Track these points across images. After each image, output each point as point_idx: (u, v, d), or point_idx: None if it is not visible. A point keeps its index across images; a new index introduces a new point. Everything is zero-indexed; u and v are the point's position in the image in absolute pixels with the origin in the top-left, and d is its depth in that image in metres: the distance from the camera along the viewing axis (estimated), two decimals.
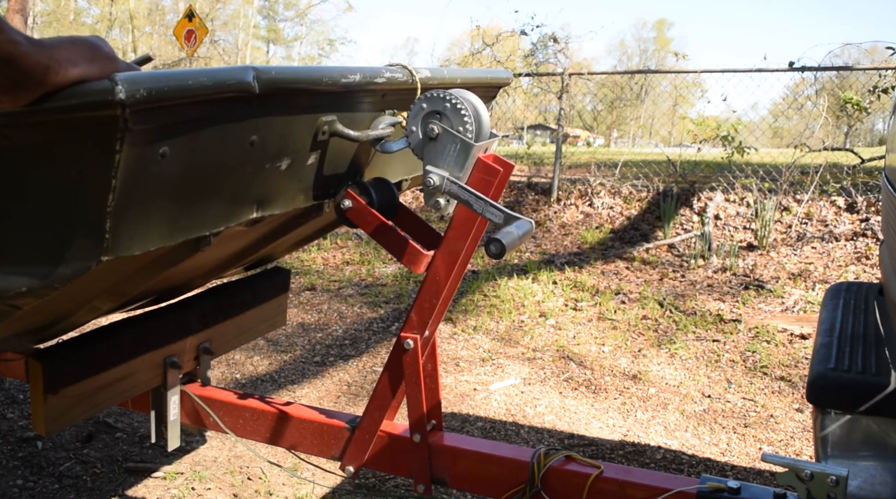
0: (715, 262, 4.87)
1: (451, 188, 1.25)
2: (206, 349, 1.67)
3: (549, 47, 7.62)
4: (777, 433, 2.60)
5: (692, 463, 2.38)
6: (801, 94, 7.00)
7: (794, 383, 3.04)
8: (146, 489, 2.10)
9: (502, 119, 8.18)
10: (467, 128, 1.25)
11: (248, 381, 3.03)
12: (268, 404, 1.59)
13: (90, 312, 1.34)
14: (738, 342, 3.51)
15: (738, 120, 6.76)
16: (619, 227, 5.78)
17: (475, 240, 1.38)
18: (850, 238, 4.99)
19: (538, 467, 1.33)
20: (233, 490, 2.11)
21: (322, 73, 1.15)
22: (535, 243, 5.58)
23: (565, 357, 3.33)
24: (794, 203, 5.44)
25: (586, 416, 2.73)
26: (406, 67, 1.38)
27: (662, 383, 3.05)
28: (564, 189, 6.35)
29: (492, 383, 3.02)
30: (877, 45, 6.62)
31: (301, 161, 1.23)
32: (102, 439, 2.40)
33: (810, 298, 4.14)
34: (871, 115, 6.68)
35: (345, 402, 2.83)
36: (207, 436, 2.43)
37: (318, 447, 1.53)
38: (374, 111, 1.38)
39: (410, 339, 1.39)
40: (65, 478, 2.14)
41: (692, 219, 5.60)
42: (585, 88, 8.48)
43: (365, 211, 1.37)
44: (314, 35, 42.33)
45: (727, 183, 5.76)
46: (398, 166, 1.60)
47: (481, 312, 3.96)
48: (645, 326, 3.77)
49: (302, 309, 4.05)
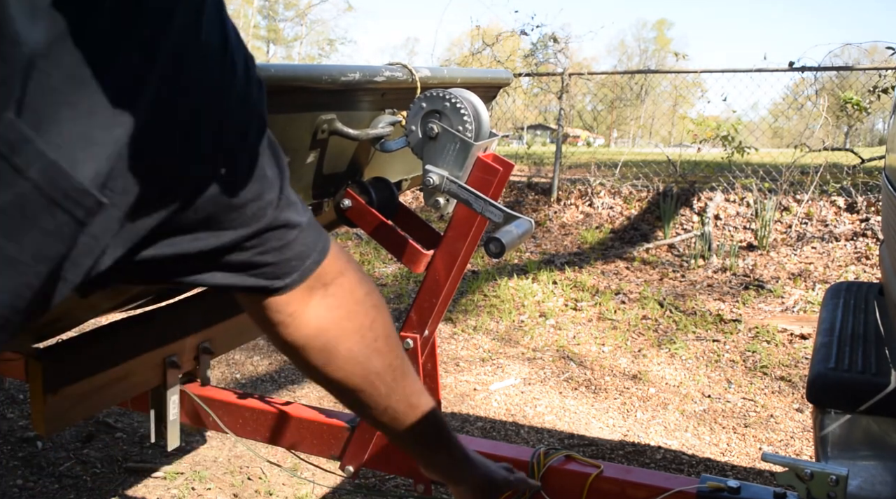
0: (715, 262, 4.87)
1: (451, 187, 1.25)
2: (205, 349, 1.67)
3: (549, 47, 7.62)
4: (777, 433, 2.60)
5: (692, 463, 2.38)
6: (801, 94, 7.01)
7: (794, 383, 3.03)
8: (146, 489, 2.10)
9: (502, 119, 8.18)
10: (467, 127, 1.25)
11: (248, 381, 3.03)
12: (268, 403, 1.59)
13: (90, 311, 1.33)
14: (738, 342, 3.51)
15: (738, 120, 6.76)
16: (619, 227, 5.78)
17: (475, 239, 1.38)
18: (850, 238, 4.99)
19: (538, 467, 1.33)
20: (233, 490, 2.11)
21: (322, 72, 1.15)
22: (535, 243, 5.58)
23: (565, 357, 3.33)
24: (794, 203, 5.44)
25: (586, 416, 2.72)
26: (406, 66, 1.38)
27: (662, 383, 3.05)
28: (564, 189, 6.35)
29: (492, 383, 3.02)
30: (877, 45, 6.62)
31: (300, 160, 1.23)
32: (102, 439, 2.40)
33: (810, 298, 4.14)
34: (871, 115, 6.68)
35: None
36: (207, 436, 2.43)
37: (318, 447, 1.53)
38: (373, 110, 1.38)
39: (410, 338, 1.39)
40: (65, 478, 2.14)
41: (692, 219, 5.60)
42: (585, 88, 8.48)
43: (365, 210, 1.37)
44: (314, 35, 42.37)
45: (727, 183, 5.76)
46: (398, 166, 1.59)
47: (481, 312, 3.95)
48: (645, 326, 3.77)
49: None
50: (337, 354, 0.81)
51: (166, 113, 0.51)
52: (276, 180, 0.67)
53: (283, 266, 0.71)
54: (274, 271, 0.71)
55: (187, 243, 0.61)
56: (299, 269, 0.73)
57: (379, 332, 0.85)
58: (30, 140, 0.42)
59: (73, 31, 0.43)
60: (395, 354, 0.88)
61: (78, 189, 0.45)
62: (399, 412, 0.90)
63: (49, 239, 0.45)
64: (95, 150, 0.46)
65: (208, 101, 0.55)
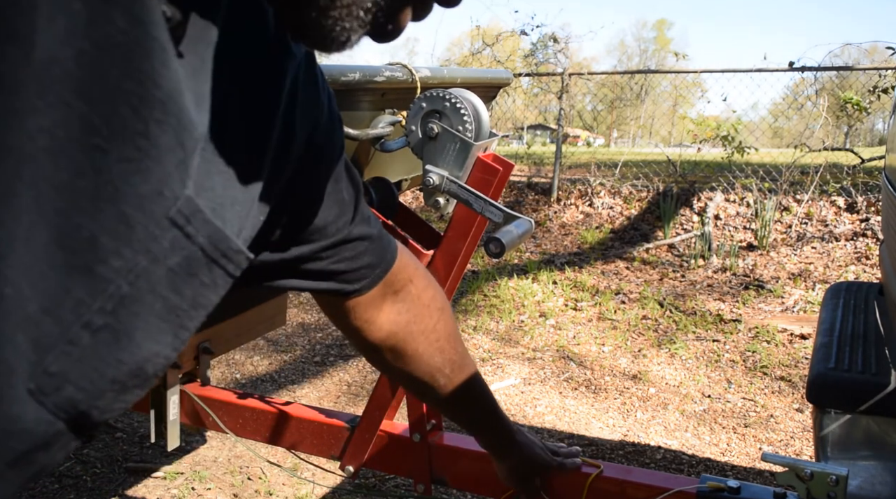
0: (715, 262, 4.87)
1: (451, 187, 1.25)
2: (205, 349, 1.67)
3: (549, 47, 7.62)
4: (777, 433, 2.60)
5: (692, 463, 2.38)
6: (801, 94, 7.01)
7: (794, 382, 3.03)
8: (146, 489, 2.10)
9: (502, 119, 8.18)
10: (467, 127, 1.25)
11: (248, 381, 3.03)
12: (268, 403, 1.59)
13: None
14: (738, 342, 3.51)
15: (738, 120, 6.76)
16: (619, 227, 5.78)
17: (475, 239, 1.38)
18: (850, 238, 4.99)
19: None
20: (233, 490, 2.11)
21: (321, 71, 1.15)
22: (535, 243, 5.58)
23: (565, 357, 3.33)
24: (794, 203, 5.44)
25: (586, 416, 2.72)
26: (406, 66, 1.38)
27: (662, 383, 3.05)
28: (564, 189, 6.35)
29: (492, 383, 3.02)
30: (877, 45, 6.62)
31: None
32: (102, 439, 2.40)
33: (810, 298, 4.14)
34: (871, 115, 6.68)
35: (345, 402, 2.83)
36: (207, 436, 2.43)
37: (318, 447, 1.53)
38: (373, 110, 1.38)
39: None
40: (65, 478, 2.14)
41: (692, 219, 5.59)
42: (585, 88, 8.48)
43: None
44: None
45: (727, 183, 5.76)
46: (398, 166, 1.59)
47: (481, 312, 3.95)
48: (645, 326, 3.77)
49: (302, 309, 4.05)
50: (405, 353, 0.93)
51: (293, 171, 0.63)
52: (352, 201, 0.74)
53: (355, 274, 0.79)
54: (346, 278, 0.79)
55: (270, 255, 0.69)
56: (370, 276, 0.81)
57: (441, 332, 0.96)
58: (200, 210, 0.49)
59: (227, 115, 0.51)
60: (455, 350, 1.00)
61: (234, 249, 0.53)
62: (455, 398, 1.02)
63: (206, 290, 0.52)
64: (237, 208, 0.54)
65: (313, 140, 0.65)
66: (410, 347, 0.93)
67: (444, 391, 1.00)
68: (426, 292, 0.93)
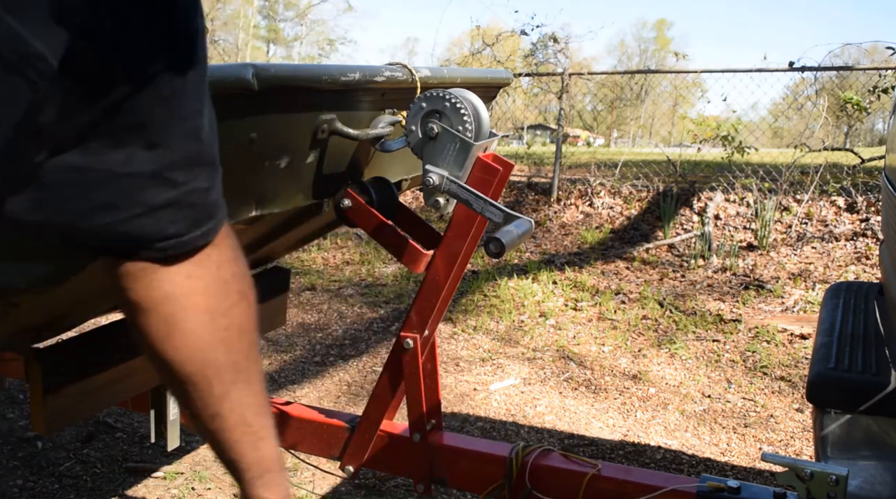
0: (715, 262, 4.87)
1: (451, 187, 1.25)
2: None
3: (549, 47, 7.63)
4: (777, 433, 2.60)
5: (692, 463, 2.38)
6: (801, 94, 7.01)
7: (794, 382, 3.03)
8: (146, 489, 2.10)
9: (502, 119, 8.18)
10: (467, 127, 1.25)
11: None
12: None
13: (89, 311, 1.33)
14: (738, 342, 3.51)
15: (738, 120, 6.76)
16: (619, 227, 5.78)
17: (475, 239, 1.38)
18: (850, 238, 4.99)
19: (517, 463, 1.33)
20: (233, 490, 2.11)
21: (321, 71, 1.15)
22: (535, 243, 5.58)
23: (565, 357, 3.33)
24: (794, 203, 5.44)
25: (586, 416, 2.72)
26: (406, 66, 1.38)
27: (662, 383, 3.05)
28: (564, 189, 6.35)
29: (492, 383, 3.02)
30: (877, 45, 6.62)
31: (300, 159, 1.23)
32: (102, 439, 2.40)
33: (810, 298, 4.14)
34: (871, 115, 6.68)
35: (345, 402, 2.83)
36: None
37: (318, 447, 1.53)
38: (373, 110, 1.38)
39: (410, 338, 1.39)
40: (65, 478, 2.14)
41: (692, 219, 5.59)
42: (585, 88, 8.48)
43: (364, 210, 1.37)
44: (314, 35, 42.38)
45: (727, 183, 5.76)
46: (398, 166, 1.59)
47: (481, 312, 3.95)
48: (645, 326, 3.77)
49: (302, 309, 4.05)
50: (178, 330, 0.71)
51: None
52: (208, 110, 0.64)
53: (204, 212, 0.66)
54: (197, 218, 0.65)
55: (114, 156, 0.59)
56: (215, 220, 0.68)
57: (234, 321, 0.75)
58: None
59: None
60: (246, 355, 0.77)
61: (34, 54, 0.50)
62: (227, 426, 0.78)
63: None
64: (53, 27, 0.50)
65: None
66: (189, 324, 0.71)
67: (216, 407, 0.76)
68: (229, 267, 0.75)
